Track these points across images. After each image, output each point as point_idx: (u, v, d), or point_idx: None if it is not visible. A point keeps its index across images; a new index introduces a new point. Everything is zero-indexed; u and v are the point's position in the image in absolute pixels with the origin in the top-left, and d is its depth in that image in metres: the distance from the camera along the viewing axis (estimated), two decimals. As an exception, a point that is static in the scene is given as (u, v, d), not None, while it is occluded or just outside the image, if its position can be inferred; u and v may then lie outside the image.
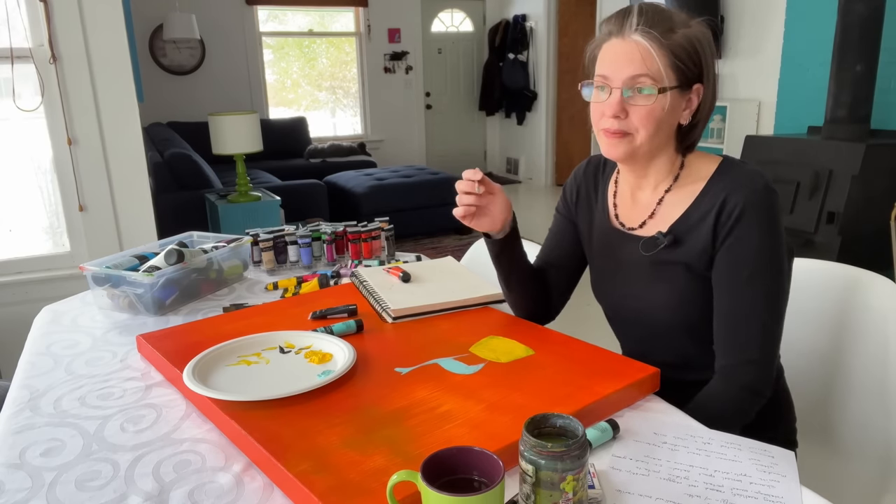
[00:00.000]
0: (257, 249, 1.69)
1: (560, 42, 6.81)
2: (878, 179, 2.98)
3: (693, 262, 1.03)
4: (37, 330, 1.32)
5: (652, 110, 0.98)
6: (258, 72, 6.58)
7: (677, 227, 1.04)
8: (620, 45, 0.98)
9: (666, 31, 0.96)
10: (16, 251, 2.45)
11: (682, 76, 0.98)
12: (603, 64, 1.01)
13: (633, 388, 0.96)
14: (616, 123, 1.00)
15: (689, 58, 0.98)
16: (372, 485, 0.73)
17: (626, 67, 0.97)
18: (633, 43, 0.97)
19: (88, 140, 2.36)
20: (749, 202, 0.97)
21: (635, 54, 0.97)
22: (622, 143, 1.01)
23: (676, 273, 1.05)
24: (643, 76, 0.97)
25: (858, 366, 1.22)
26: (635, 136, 1.00)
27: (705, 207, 1.02)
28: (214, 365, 1.03)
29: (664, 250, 1.05)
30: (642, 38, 0.96)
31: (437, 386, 0.96)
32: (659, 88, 0.97)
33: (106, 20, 2.30)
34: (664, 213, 1.07)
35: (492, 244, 1.16)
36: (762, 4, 3.99)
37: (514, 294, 1.22)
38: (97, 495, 0.77)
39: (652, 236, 1.06)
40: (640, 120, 0.99)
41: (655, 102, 0.98)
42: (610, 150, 1.03)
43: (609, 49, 1.00)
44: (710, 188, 1.03)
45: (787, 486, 0.78)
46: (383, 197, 4.92)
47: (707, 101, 1.03)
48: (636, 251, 1.09)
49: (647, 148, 1.02)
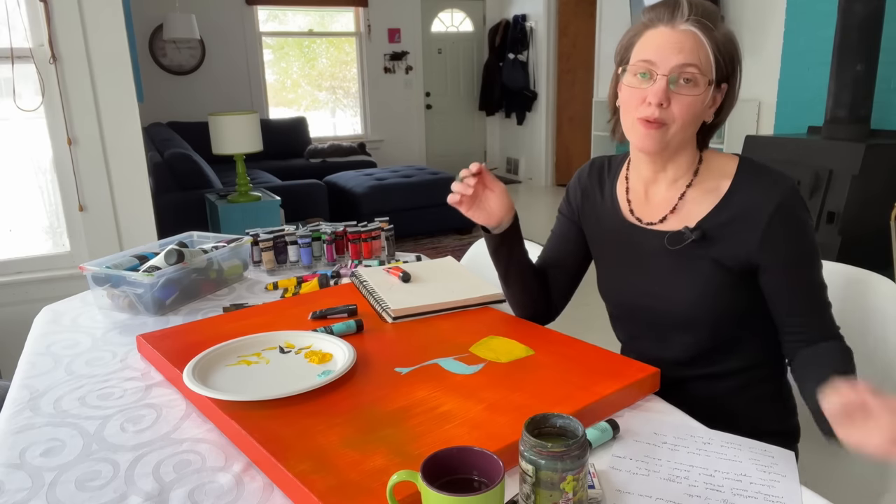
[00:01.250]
0: (257, 249, 1.69)
1: (560, 42, 6.81)
2: (878, 179, 2.98)
3: (726, 259, 1.03)
4: (37, 330, 1.32)
5: (694, 102, 0.98)
6: (258, 72, 6.58)
7: (706, 223, 1.04)
8: (670, 34, 0.97)
9: (714, 25, 0.97)
10: (16, 251, 2.45)
11: (720, 72, 0.99)
12: (647, 50, 0.99)
13: (633, 388, 0.96)
14: (657, 112, 0.98)
15: (728, 54, 0.99)
16: (372, 485, 0.73)
17: (676, 56, 0.96)
18: (685, 32, 0.96)
19: (88, 140, 2.36)
20: (788, 202, 0.99)
21: (686, 43, 0.96)
22: (658, 133, 1.00)
23: (703, 267, 1.04)
24: (692, 66, 0.96)
25: (858, 365, 1.22)
26: (671, 126, 1.00)
27: (738, 207, 1.02)
28: (214, 365, 1.03)
29: (691, 245, 1.04)
30: (695, 27, 0.96)
31: (437, 386, 0.96)
32: (707, 80, 0.97)
33: (106, 20, 2.30)
34: (688, 208, 1.07)
35: (488, 238, 1.18)
36: (762, 4, 3.99)
37: (512, 291, 1.22)
38: (97, 495, 0.77)
39: (678, 231, 1.06)
40: (680, 110, 0.98)
41: (700, 94, 0.98)
42: (644, 142, 1.02)
43: (656, 36, 0.99)
44: (739, 187, 1.03)
45: (787, 486, 0.78)
46: (383, 197, 4.92)
47: (730, 101, 1.04)
48: (657, 245, 1.08)
49: (678, 140, 1.02)
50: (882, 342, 1.18)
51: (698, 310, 1.06)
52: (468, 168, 1.10)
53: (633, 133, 1.03)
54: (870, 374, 1.20)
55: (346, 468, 0.76)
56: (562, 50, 6.82)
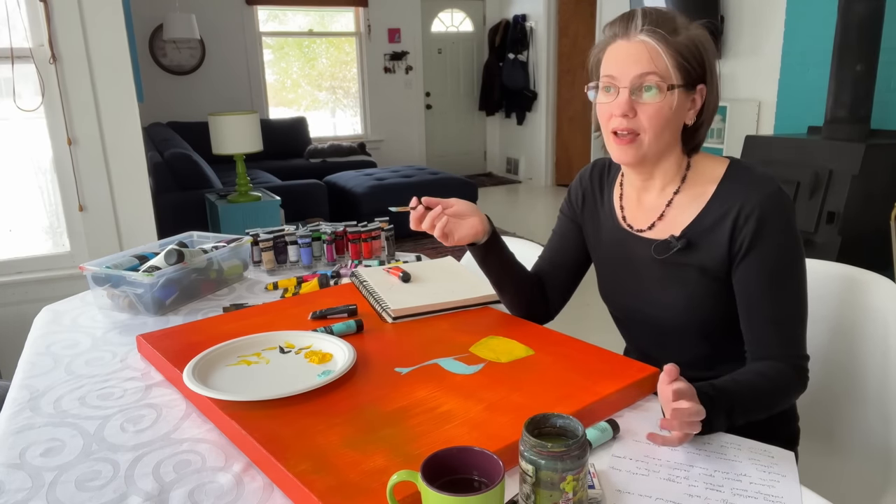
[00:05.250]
0: (257, 249, 1.69)
1: (560, 42, 6.81)
2: (877, 179, 2.98)
3: (709, 265, 1.03)
4: (37, 330, 1.32)
5: (660, 108, 0.99)
6: (258, 72, 6.58)
7: (690, 230, 1.04)
8: (627, 46, 0.99)
9: (670, 32, 0.98)
10: (16, 251, 2.45)
11: (687, 76, 0.99)
12: (609, 65, 1.01)
13: (633, 388, 0.96)
14: (625, 122, 1.00)
15: (694, 58, 0.99)
16: (372, 485, 0.73)
17: (634, 66, 0.98)
18: (640, 43, 0.98)
19: (88, 140, 2.36)
20: (766, 207, 0.98)
21: (642, 54, 0.97)
22: (632, 147, 1.01)
23: (689, 276, 1.05)
24: (650, 74, 0.97)
25: (858, 365, 1.22)
26: (643, 136, 1.00)
27: (719, 211, 1.02)
28: (214, 365, 1.03)
29: (677, 253, 1.05)
30: (648, 37, 0.97)
31: (437, 386, 0.96)
32: (667, 86, 0.98)
33: (106, 20, 2.30)
34: (674, 215, 1.07)
35: (475, 252, 1.17)
36: (762, 4, 3.99)
37: (507, 295, 1.23)
38: (97, 495, 0.77)
39: (664, 240, 1.06)
40: (648, 119, 0.99)
41: (664, 100, 0.98)
42: (620, 156, 1.04)
43: (615, 50, 1.01)
44: (723, 192, 1.03)
45: (787, 486, 0.78)
46: (383, 197, 4.92)
47: (711, 102, 1.04)
48: (646, 253, 1.08)
49: (655, 149, 1.02)
50: (882, 342, 1.18)
51: (690, 317, 1.07)
52: (411, 211, 1.12)
53: (610, 148, 1.05)
54: (870, 374, 1.20)
55: (346, 468, 0.76)
56: (562, 50, 6.82)
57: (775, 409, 0.98)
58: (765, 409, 0.96)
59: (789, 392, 1.01)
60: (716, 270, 1.03)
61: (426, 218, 1.11)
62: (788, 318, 1.00)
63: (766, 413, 0.96)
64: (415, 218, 1.11)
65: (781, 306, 1.00)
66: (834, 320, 1.25)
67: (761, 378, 0.97)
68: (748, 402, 0.91)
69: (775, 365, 0.99)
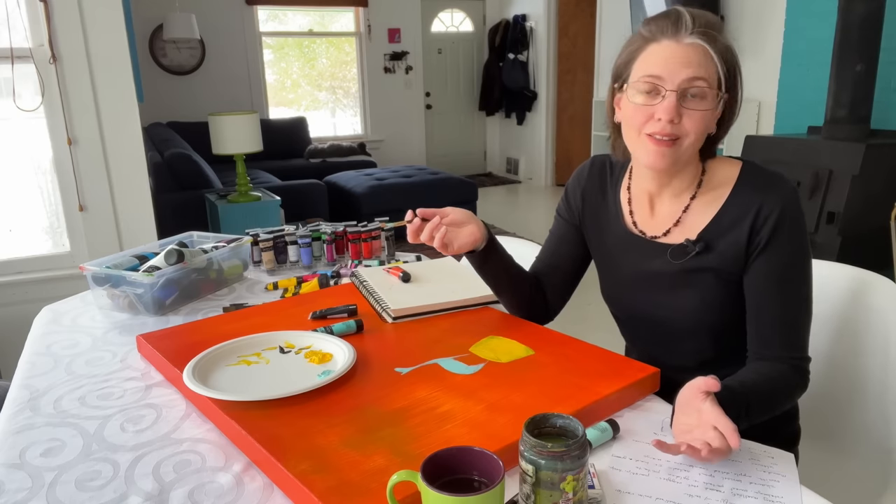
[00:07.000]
0: (257, 249, 1.69)
1: (560, 42, 6.81)
2: (878, 179, 2.98)
3: (724, 266, 1.02)
4: (37, 330, 1.32)
5: (704, 116, 0.96)
6: (258, 72, 6.58)
7: (707, 233, 1.03)
8: (675, 47, 0.95)
9: (718, 36, 0.96)
10: (16, 251, 2.45)
11: (725, 82, 0.97)
12: (653, 65, 0.96)
13: (633, 388, 0.96)
14: (669, 127, 0.96)
15: (731, 65, 0.97)
16: (372, 485, 0.73)
17: (683, 70, 0.94)
18: (690, 46, 0.94)
19: (88, 140, 2.36)
20: (785, 208, 0.98)
21: (692, 57, 0.94)
22: (671, 151, 0.98)
23: (705, 279, 1.04)
24: (700, 80, 0.94)
25: (859, 365, 1.22)
26: (683, 140, 0.98)
27: (736, 213, 1.01)
28: (214, 365, 1.03)
29: (694, 258, 1.04)
30: (701, 39, 0.94)
31: (437, 386, 0.96)
32: (715, 93, 0.96)
33: (106, 20, 2.30)
34: (691, 220, 1.06)
35: (474, 258, 1.17)
36: (762, 4, 3.99)
37: (506, 298, 1.22)
38: (97, 495, 0.77)
39: (681, 244, 1.05)
40: (692, 124, 0.96)
41: (710, 108, 0.96)
42: (657, 160, 0.99)
43: (661, 50, 0.96)
44: (739, 193, 1.02)
45: (787, 486, 0.78)
46: (383, 197, 4.92)
47: (734, 110, 1.02)
48: (662, 259, 1.07)
49: (689, 154, 1.01)
50: (882, 342, 1.18)
51: (701, 320, 1.06)
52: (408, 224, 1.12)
53: (642, 150, 1.01)
54: (870, 374, 1.20)
55: (346, 468, 0.76)
56: (562, 50, 6.82)
57: (778, 410, 0.98)
58: (769, 411, 0.95)
59: (792, 394, 1.01)
60: (730, 272, 1.02)
61: (424, 230, 1.10)
62: (795, 318, 1.00)
63: (770, 415, 0.96)
64: (412, 231, 1.11)
65: (790, 306, 1.00)
66: (835, 320, 1.25)
67: (766, 380, 0.96)
68: (754, 404, 0.91)
69: (778, 366, 0.99)
